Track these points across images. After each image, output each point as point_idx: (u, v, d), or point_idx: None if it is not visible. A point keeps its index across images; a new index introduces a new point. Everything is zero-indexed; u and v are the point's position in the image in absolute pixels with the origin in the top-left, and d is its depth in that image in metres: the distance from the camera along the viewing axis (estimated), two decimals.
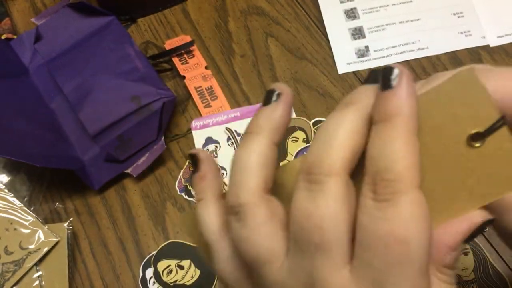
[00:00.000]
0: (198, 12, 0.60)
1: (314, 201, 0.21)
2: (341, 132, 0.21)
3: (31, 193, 0.50)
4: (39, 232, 0.47)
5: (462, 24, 0.55)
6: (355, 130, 0.21)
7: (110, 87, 0.52)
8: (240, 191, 0.23)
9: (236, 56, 0.56)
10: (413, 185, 0.20)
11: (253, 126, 0.24)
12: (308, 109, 0.52)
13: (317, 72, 0.54)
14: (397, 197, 0.19)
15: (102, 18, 0.55)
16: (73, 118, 0.52)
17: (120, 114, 0.51)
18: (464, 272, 0.43)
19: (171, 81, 0.56)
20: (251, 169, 0.23)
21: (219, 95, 0.54)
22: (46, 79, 0.54)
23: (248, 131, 0.24)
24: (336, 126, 0.21)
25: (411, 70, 0.54)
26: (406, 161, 0.20)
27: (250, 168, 0.23)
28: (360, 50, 0.55)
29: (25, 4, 0.62)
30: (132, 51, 0.53)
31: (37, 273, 0.46)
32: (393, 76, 0.21)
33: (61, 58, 0.54)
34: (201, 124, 0.52)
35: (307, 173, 0.21)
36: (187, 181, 0.50)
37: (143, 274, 0.46)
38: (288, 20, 0.58)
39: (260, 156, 0.23)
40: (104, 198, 0.50)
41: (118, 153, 0.50)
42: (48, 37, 0.55)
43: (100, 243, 0.48)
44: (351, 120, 0.21)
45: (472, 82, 0.20)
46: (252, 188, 0.23)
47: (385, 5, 0.57)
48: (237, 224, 0.23)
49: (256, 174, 0.23)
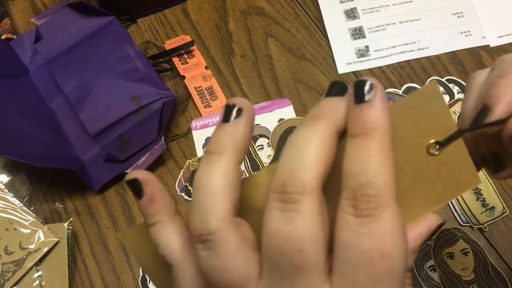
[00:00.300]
0: (198, 12, 0.60)
1: (290, 223, 0.20)
2: (312, 147, 0.20)
3: (31, 193, 0.50)
4: (39, 232, 0.47)
5: (462, 24, 0.55)
6: (326, 145, 0.20)
7: (110, 87, 0.52)
8: (208, 217, 0.21)
9: (236, 56, 0.56)
10: (392, 199, 0.20)
11: (214, 145, 0.22)
12: (308, 109, 0.52)
13: (317, 72, 0.54)
14: (379, 212, 0.19)
15: (102, 18, 0.55)
16: (73, 118, 0.52)
17: (120, 114, 0.51)
18: (464, 272, 0.43)
19: (171, 81, 0.56)
20: (218, 192, 0.21)
21: (219, 95, 0.54)
22: (46, 79, 0.54)
23: (210, 151, 0.22)
24: (306, 141, 0.20)
25: (411, 70, 0.54)
26: (386, 176, 0.20)
27: (217, 192, 0.21)
28: (360, 50, 0.55)
29: (25, 4, 0.62)
30: (132, 51, 0.53)
31: (37, 273, 0.46)
32: (367, 88, 0.20)
33: (61, 58, 0.54)
34: (201, 124, 0.52)
35: (281, 192, 0.20)
36: (187, 181, 0.50)
37: (143, 274, 0.46)
38: (288, 20, 0.58)
39: (227, 178, 0.21)
40: (104, 198, 0.50)
41: (118, 153, 0.50)
42: (48, 37, 0.55)
43: (100, 243, 0.48)
44: (321, 134, 0.20)
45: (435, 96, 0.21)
46: (221, 214, 0.21)
47: (385, 5, 0.57)
48: (207, 252, 0.21)
49: (224, 197, 0.21)
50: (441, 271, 0.44)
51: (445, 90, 0.52)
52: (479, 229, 0.45)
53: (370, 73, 0.54)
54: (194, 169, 0.50)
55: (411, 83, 0.53)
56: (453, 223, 0.46)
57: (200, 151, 0.51)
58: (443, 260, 0.44)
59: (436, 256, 0.44)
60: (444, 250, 0.44)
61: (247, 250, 0.22)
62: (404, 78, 0.53)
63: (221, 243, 0.21)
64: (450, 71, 0.53)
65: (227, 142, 0.22)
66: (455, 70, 0.53)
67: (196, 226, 0.21)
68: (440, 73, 0.53)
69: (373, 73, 0.54)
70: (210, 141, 0.23)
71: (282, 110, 0.53)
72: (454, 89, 0.52)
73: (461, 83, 0.52)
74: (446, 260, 0.44)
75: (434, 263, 0.44)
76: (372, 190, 0.19)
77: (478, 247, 0.44)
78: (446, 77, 0.53)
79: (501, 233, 0.45)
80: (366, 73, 0.54)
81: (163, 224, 0.24)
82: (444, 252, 0.44)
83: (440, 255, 0.44)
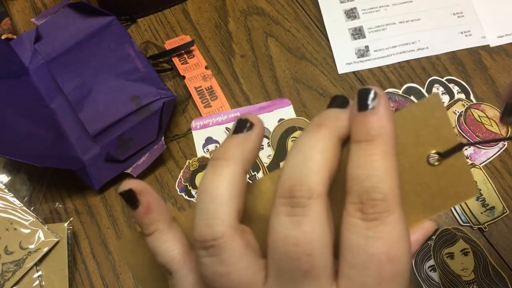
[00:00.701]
0: (198, 12, 0.60)
1: (298, 227, 0.20)
2: (317, 153, 0.21)
3: (31, 193, 0.50)
4: (39, 232, 0.47)
5: (462, 24, 0.55)
6: (330, 151, 0.21)
7: (110, 87, 0.52)
8: (213, 222, 0.21)
9: (236, 56, 0.56)
10: (397, 204, 0.20)
11: (223, 152, 0.22)
12: (308, 109, 0.52)
13: (317, 72, 0.54)
14: (385, 217, 0.20)
15: (102, 18, 0.55)
16: (73, 118, 0.52)
17: (120, 114, 0.51)
18: (464, 272, 0.43)
19: (171, 81, 0.56)
20: (224, 198, 0.21)
21: (219, 95, 0.54)
22: (46, 79, 0.54)
23: (218, 157, 0.22)
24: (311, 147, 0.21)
25: (411, 70, 0.54)
26: (391, 180, 0.20)
27: (223, 197, 0.21)
28: (360, 50, 0.55)
29: (25, 4, 0.62)
30: (132, 51, 0.53)
31: (37, 273, 0.46)
32: (371, 97, 0.21)
33: (61, 58, 0.54)
34: (201, 124, 0.52)
35: (289, 196, 0.20)
36: (187, 181, 0.50)
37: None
38: (288, 20, 0.58)
39: (233, 184, 0.22)
40: (104, 198, 0.50)
41: (118, 153, 0.50)
42: (48, 37, 0.55)
43: (100, 243, 0.48)
44: (325, 141, 0.21)
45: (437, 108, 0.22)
46: (227, 220, 0.21)
47: (385, 5, 0.57)
48: (211, 259, 0.21)
49: (230, 203, 0.21)
50: (441, 271, 0.44)
51: (445, 90, 0.52)
52: (479, 229, 0.45)
53: (370, 73, 0.54)
54: (194, 169, 0.50)
55: (411, 83, 0.53)
56: (453, 223, 0.46)
57: (200, 151, 0.51)
58: (443, 260, 0.44)
59: (436, 256, 0.44)
60: (444, 250, 0.45)
61: (252, 256, 0.22)
62: (404, 78, 0.53)
63: (226, 249, 0.21)
64: (450, 71, 0.53)
65: (235, 151, 0.22)
66: (455, 70, 0.53)
67: (200, 231, 0.21)
68: (440, 73, 0.53)
69: (373, 73, 0.54)
70: (218, 149, 0.23)
71: (282, 110, 0.53)
72: (454, 89, 0.52)
73: (461, 83, 0.52)
74: (446, 260, 0.44)
75: (434, 263, 0.44)
76: (378, 195, 0.20)
77: (478, 247, 0.44)
78: (446, 77, 0.53)
79: (501, 233, 0.45)
80: (366, 73, 0.54)
81: (160, 232, 0.24)
82: (444, 252, 0.44)
83: (440, 255, 0.44)
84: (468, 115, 0.50)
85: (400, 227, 0.20)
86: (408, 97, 0.52)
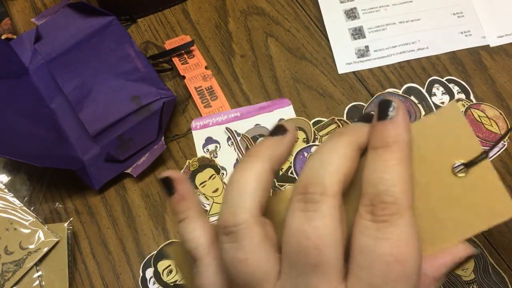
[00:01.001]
0: (198, 12, 0.60)
1: (311, 222, 0.21)
2: (335, 157, 0.22)
3: (31, 193, 0.50)
4: (39, 232, 0.47)
5: (462, 24, 0.55)
6: (349, 157, 0.22)
7: (110, 87, 0.52)
8: (236, 210, 0.22)
9: (236, 56, 0.56)
10: (408, 207, 0.21)
11: (256, 150, 0.24)
12: (308, 109, 0.52)
13: (317, 72, 0.54)
14: (395, 219, 0.20)
15: (102, 18, 0.55)
16: (73, 118, 0.52)
17: (120, 114, 0.51)
18: (464, 272, 0.43)
19: (171, 81, 0.56)
20: (249, 189, 0.23)
21: (219, 95, 0.54)
22: (46, 79, 0.54)
23: (250, 154, 0.24)
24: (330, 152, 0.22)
25: (411, 70, 0.54)
26: (403, 185, 0.21)
27: (248, 189, 0.23)
28: (360, 50, 0.55)
29: (25, 4, 0.62)
30: (132, 51, 0.53)
31: (37, 273, 0.46)
32: (391, 108, 0.22)
33: (61, 58, 0.54)
34: (201, 124, 0.52)
35: (303, 193, 0.22)
36: None
37: (143, 274, 0.46)
38: (288, 20, 0.58)
39: (260, 178, 0.23)
40: (104, 198, 0.50)
41: (118, 153, 0.50)
42: (48, 37, 0.55)
43: (100, 243, 0.48)
44: (344, 147, 0.22)
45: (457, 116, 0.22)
46: (249, 209, 0.22)
47: (385, 5, 0.57)
48: (231, 245, 0.22)
49: (254, 195, 0.23)
50: None
51: (445, 90, 0.52)
52: None
53: (370, 73, 0.54)
54: (194, 169, 0.50)
55: (411, 83, 0.53)
56: None
57: (200, 151, 0.51)
58: None
59: None
60: None
61: (270, 247, 0.23)
62: (404, 78, 0.53)
63: (246, 235, 0.22)
64: (450, 71, 0.53)
65: (266, 150, 0.24)
66: (455, 70, 0.53)
67: (223, 217, 0.23)
68: (440, 73, 0.53)
69: (373, 73, 0.54)
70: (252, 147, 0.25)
71: (282, 110, 0.53)
72: (454, 89, 0.52)
73: (461, 83, 0.52)
74: None
75: None
76: (389, 198, 0.21)
77: (478, 247, 0.44)
78: (446, 77, 0.53)
79: (501, 233, 0.45)
80: (366, 73, 0.54)
81: (191, 220, 0.26)
82: None
83: None
84: (468, 115, 0.51)
85: (409, 230, 0.21)
86: (408, 97, 0.52)
